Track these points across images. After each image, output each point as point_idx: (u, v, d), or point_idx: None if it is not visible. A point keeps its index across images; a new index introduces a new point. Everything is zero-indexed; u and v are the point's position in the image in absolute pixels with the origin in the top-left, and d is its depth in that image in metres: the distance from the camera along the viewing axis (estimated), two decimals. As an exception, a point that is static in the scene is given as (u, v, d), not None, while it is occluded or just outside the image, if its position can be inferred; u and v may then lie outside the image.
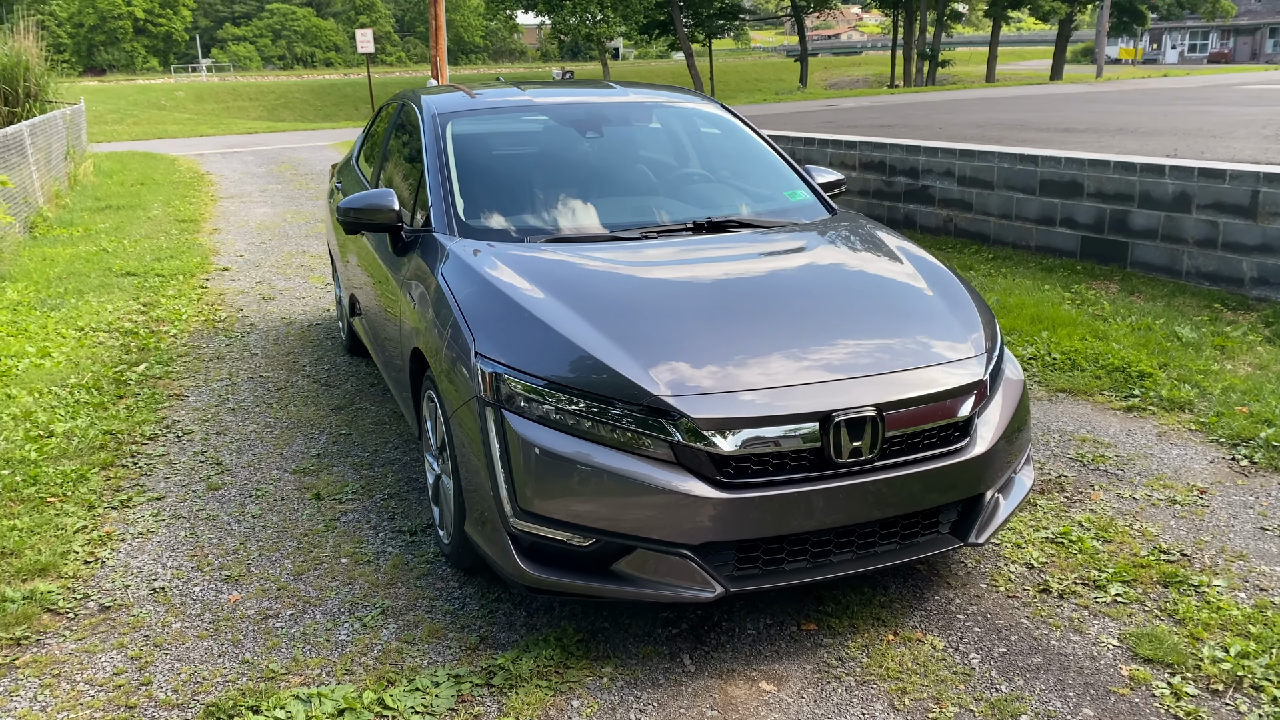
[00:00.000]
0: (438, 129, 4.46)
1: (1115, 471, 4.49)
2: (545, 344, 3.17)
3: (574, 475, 2.98)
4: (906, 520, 3.23)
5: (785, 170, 4.69)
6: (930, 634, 3.29)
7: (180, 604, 3.57)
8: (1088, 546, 3.79)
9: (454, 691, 3.02)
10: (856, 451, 3.03)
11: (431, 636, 3.32)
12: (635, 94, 5.03)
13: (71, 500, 4.38)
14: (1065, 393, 5.51)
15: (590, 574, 3.05)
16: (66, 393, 5.72)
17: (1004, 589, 3.55)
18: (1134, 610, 3.40)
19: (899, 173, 9.80)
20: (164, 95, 51.52)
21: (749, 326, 3.31)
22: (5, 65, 17.50)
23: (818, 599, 3.48)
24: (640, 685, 3.06)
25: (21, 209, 11.01)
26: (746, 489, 2.96)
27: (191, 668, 3.20)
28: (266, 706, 2.94)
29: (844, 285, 3.69)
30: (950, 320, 3.47)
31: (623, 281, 3.58)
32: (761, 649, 3.23)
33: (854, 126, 20.75)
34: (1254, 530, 3.93)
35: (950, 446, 3.20)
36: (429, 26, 22.29)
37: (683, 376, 3.03)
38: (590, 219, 4.14)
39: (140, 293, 8.26)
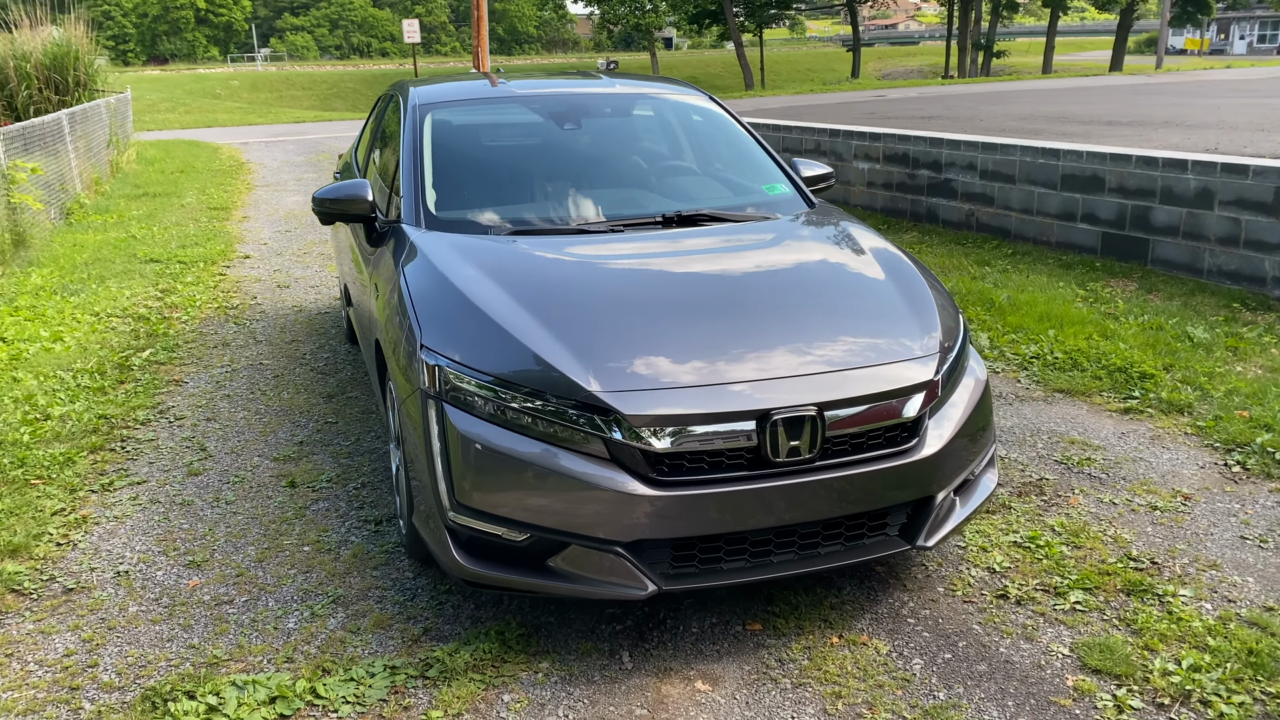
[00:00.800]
0: (417, 120, 4.47)
1: (1099, 475, 4.37)
2: (488, 338, 3.16)
3: (510, 470, 2.97)
4: (851, 521, 3.17)
5: (767, 163, 4.63)
6: (876, 638, 3.24)
7: (140, 588, 3.63)
8: (1055, 552, 3.70)
9: (388, 682, 3.03)
10: (795, 451, 2.98)
11: (377, 626, 3.34)
12: (622, 86, 4.99)
13: (55, 483, 4.47)
14: (1062, 393, 5.38)
15: (525, 569, 3.04)
16: (70, 377, 5.84)
17: (961, 593, 3.48)
18: (1091, 619, 3.31)
19: (922, 166, 9.65)
20: (219, 84, 52.46)
21: (698, 323, 3.27)
22: (56, 55, 17.91)
23: (768, 599, 3.43)
24: (574, 681, 3.05)
25: (58, 196, 11.28)
26: (680, 487, 2.93)
27: (139, 651, 3.24)
28: (202, 692, 2.98)
29: (802, 282, 3.63)
30: (906, 319, 3.39)
31: (579, 276, 3.56)
32: (703, 648, 3.20)
33: (895, 118, 20.49)
34: (1233, 539, 3.80)
35: (897, 447, 3.14)
36: (472, 16, 22.42)
37: (620, 373, 3.00)
38: (560, 212, 4.12)
39: (160, 279, 8.41)
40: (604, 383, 2.95)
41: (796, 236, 4.01)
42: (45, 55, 17.57)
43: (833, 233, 4.07)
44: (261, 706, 2.92)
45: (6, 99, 17.49)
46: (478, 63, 22.51)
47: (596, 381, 2.95)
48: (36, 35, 17.86)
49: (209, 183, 14.70)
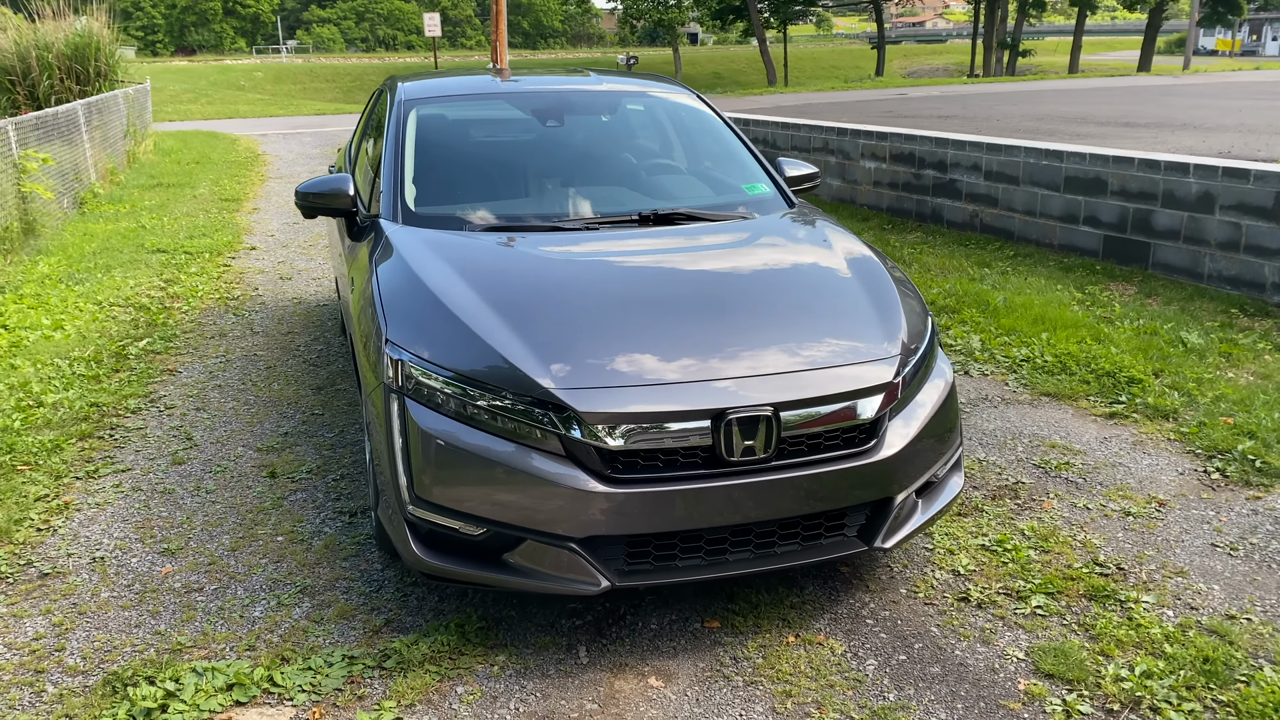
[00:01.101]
0: (402, 115, 4.51)
1: (1076, 480, 4.36)
2: (450, 334, 3.19)
3: (468, 465, 3.00)
4: (809, 521, 3.19)
5: (750, 163, 4.64)
6: (833, 637, 3.25)
7: (114, 574, 3.69)
8: (1022, 556, 3.70)
9: (345, 672, 3.07)
10: (750, 451, 3.00)
11: (340, 617, 3.38)
12: (609, 84, 5.01)
13: (42, 469, 4.55)
14: (1049, 396, 5.36)
15: (482, 563, 3.07)
16: (67, 365, 5.92)
17: (923, 595, 3.48)
18: (1050, 624, 3.31)
19: (928, 166, 9.61)
20: (243, 76, 52.84)
21: (661, 322, 3.29)
22: (77, 45, 18.11)
23: (729, 596, 3.45)
24: (529, 675, 3.08)
25: (72, 185, 11.41)
26: (634, 484, 2.95)
27: (106, 636, 3.30)
28: (161, 677, 3.03)
29: (768, 282, 3.64)
30: (869, 321, 3.40)
31: (547, 272, 3.59)
32: (660, 644, 3.23)
33: (911, 117, 20.40)
34: (1203, 546, 3.79)
35: (855, 448, 3.15)
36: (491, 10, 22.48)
37: (578, 370, 3.02)
38: (538, 208, 4.15)
39: (165, 270, 8.50)
40: (560, 380, 2.98)
41: (769, 237, 4.02)
42: (67, 46, 17.76)
43: (807, 234, 4.08)
44: (218, 693, 2.97)
45: (29, 88, 17.70)
46: (495, 57, 22.57)
47: (553, 378, 2.98)
48: (60, 25, 18.07)
49: (223, 174, 14.83)
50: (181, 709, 2.89)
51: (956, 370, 5.79)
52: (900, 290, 3.65)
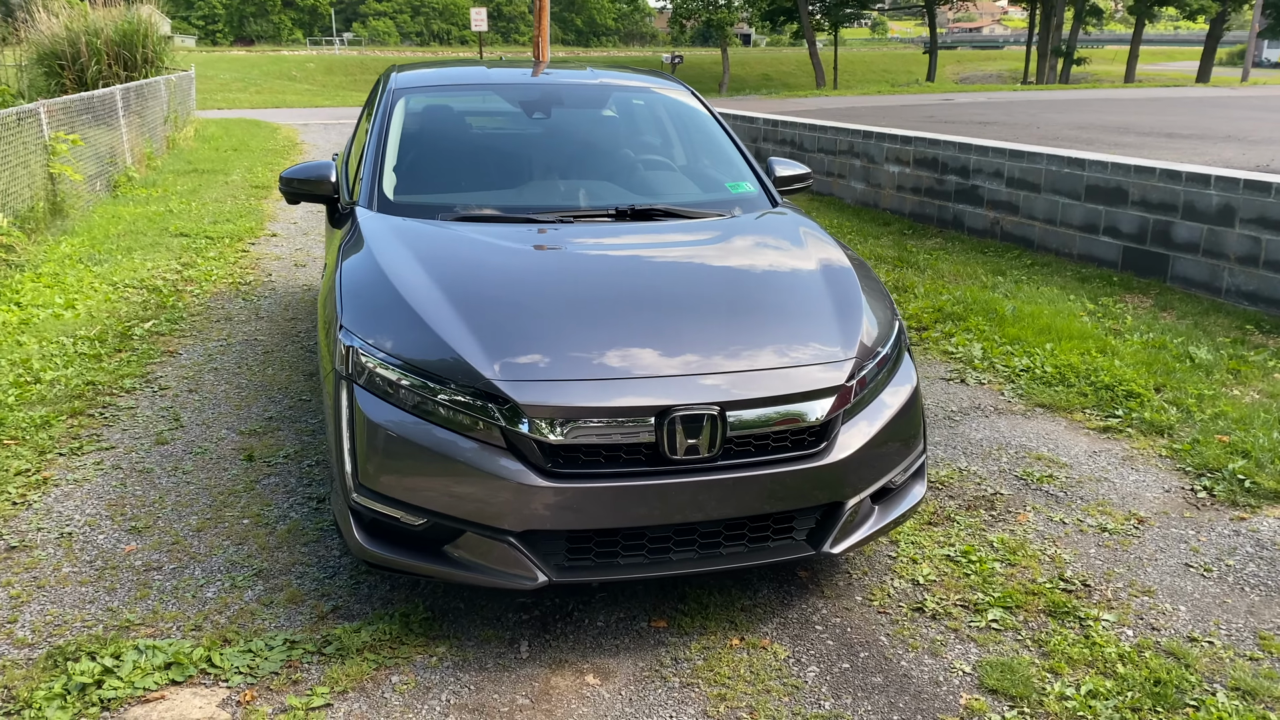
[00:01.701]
0: (389, 104, 4.53)
1: (1057, 493, 4.27)
2: (402, 322, 3.19)
3: (410, 455, 3.00)
4: (755, 523, 3.14)
5: (738, 161, 4.60)
6: (779, 642, 3.20)
7: (79, 550, 3.74)
8: (985, 568, 3.62)
9: (284, 656, 3.08)
10: (694, 450, 2.96)
11: (290, 601, 3.40)
12: (604, 78, 4.99)
13: (27, 444, 4.62)
14: (1043, 408, 5.26)
15: (423, 554, 3.06)
16: (71, 343, 6.02)
17: (877, 604, 3.42)
18: (1004, 638, 3.23)
19: (950, 171, 9.48)
20: (295, 66, 53.53)
21: (616, 316, 3.27)
22: (126, 32, 18.45)
23: (680, 596, 3.42)
24: (466, 667, 3.07)
25: (107, 168, 11.62)
26: (573, 479, 2.93)
27: (59, 610, 3.34)
28: (103, 653, 3.06)
29: (731, 281, 3.60)
30: (828, 322, 3.34)
31: (508, 264, 3.57)
32: (603, 642, 3.20)
33: (953, 122, 20.16)
34: (1176, 566, 3.68)
35: (804, 450, 3.10)
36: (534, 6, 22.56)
37: (523, 363, 3.01)
38: (512, 200, 4.14)
39: (184, 253, 8.62)
40: (504, 371, 2.96)
41: (742, 235, 3.97)
42: (116, 32, 18.11)
43: (781, 234, 4.03)
44: (155, 671, 2.99)
45: (78, 73, 18.07)
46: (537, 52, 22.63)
47: (497, 370, 2.96)
48: (110, 12, 18.42)
49: (258, 161, 15.02)
50: (117, 685, 2.92)
51: (952, 378, 5.70)
52: (866, 293, 3.59)
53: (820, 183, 11.67)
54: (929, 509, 4.09)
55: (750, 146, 13.24)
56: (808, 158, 11.89)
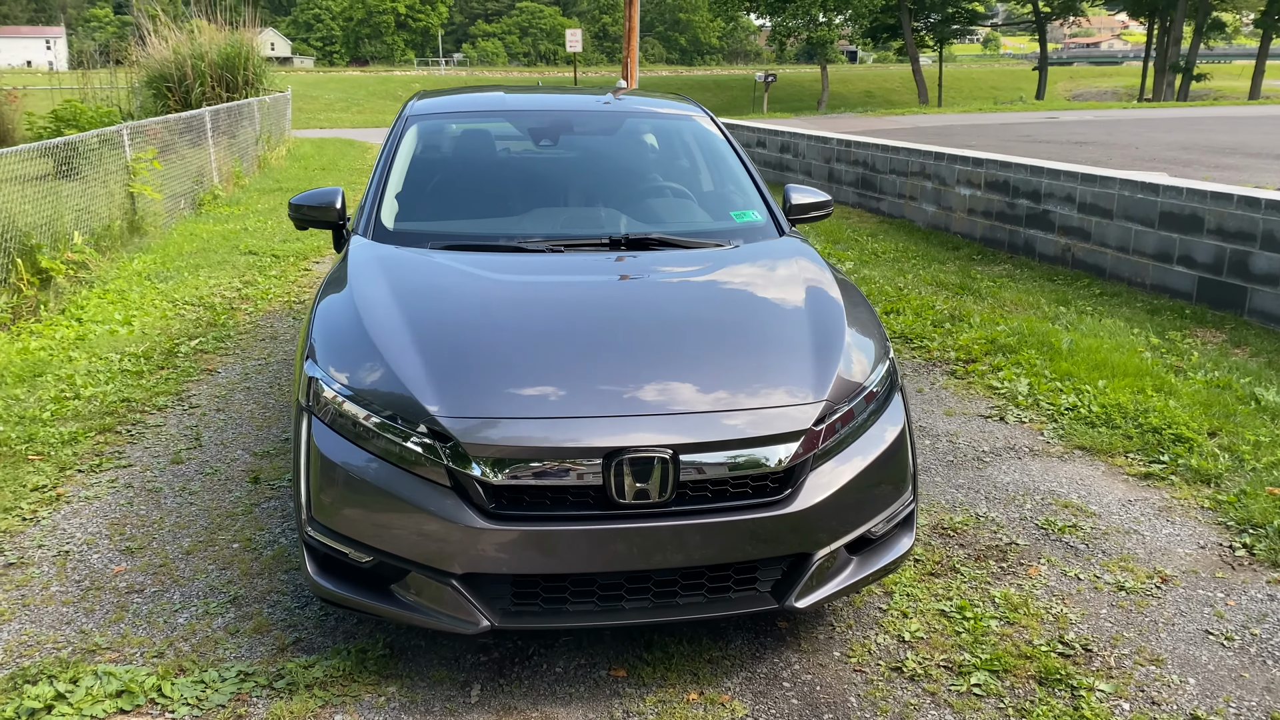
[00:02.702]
0: (399, 131, 4.53)
1: (1078, 545, 4.00)
2: (359, 355, 3.16)
3: (358, 491, 2.96)
4: (715, 572, 3.00)
5: (748, 188, 4.46)
6: (740, 698, 3.05)
7: (71, 569, 3.80)
8: (980, 626, 3.40)
9: (235, 689, 3.06)
10: (644, 494, 2.84)
11: (256, 631, 3.38)
12: (622, 104, 4.91)
13: (51, 460, 4.75)
14: (1083, 450, 4.95)
15: (371, 592, 3.01)
16: (117, 360, 6.20)
17: (855, 660, 3.24)
18: (984, 706, 3.02)
19: (1021, 195, 9.12)
20: (401, 86, 54.97)
21: (577, 352, 3.17)
22: (228, 55, 19.20)
23: (646, 644, 3.29)
24: (412, 709, 3.00)
25: (193, 187, 12.04)
26: (516, 521, 2.84)
27: (36, 630, 3.39)
28: (62, 677, 3.08)
29: (709, 316, 3.46)
30: (802, 362, 3.18)
31: (481, 296, 3.52)
32: (558, 689, 3.10)
33: (1047, 142, 19.49)
34: (1194, 633, 3.40)
35: (766, 498, 2.95)
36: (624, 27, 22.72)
37: (471, 399, 2.93)
38: (509, 228, 4.08)
39: (247, 271, 8.85)
40: (448, 408, 2.89)
41: (735, 267, 3.84)
42: (219, 55, 18.86)
43: (775, 266, 3.88)
44: (106, 699, 3.00)
45: (184, 94, 18.88)
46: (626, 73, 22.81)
47: (442, 406, 2.90)
48: (214, 36, 19.19)
49: (343, 180, 15.39)
50: (65, 711, 2.94)
51: (991, 415, 5.43)
52: (853, 329, 3.41)
53: (891, 205, 11.38)
54: (933, 558, 3.87)
55: (822, 167, 13.01)
56: (880, 179, 11.60)
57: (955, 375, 6.11)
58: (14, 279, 6.95)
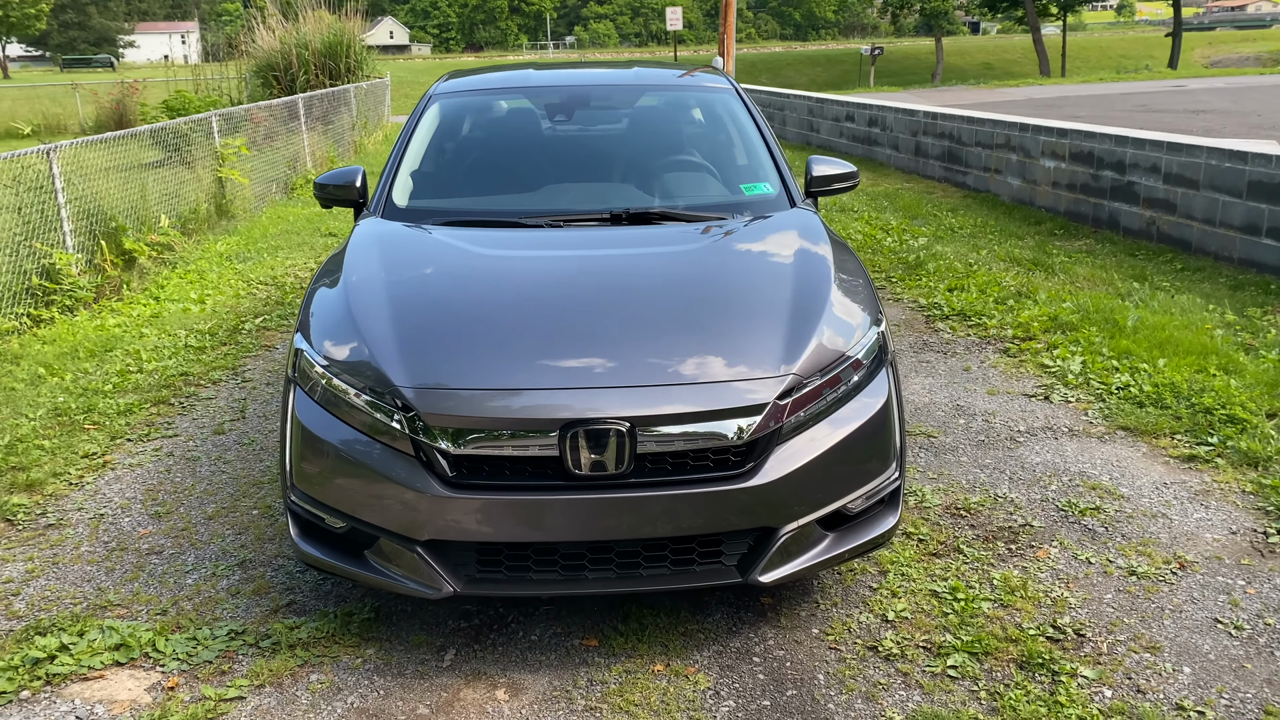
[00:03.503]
0: (420, 109, 4.62)
1: (1097, 528, 3.83)
2: (339, 327, 3.25)
3: (332, 459, 3.05)
4: (679, 545, 2.99)
5: (764, 160, 4.38)
6: (705, 671, 3.04)
7: (102, 531, 4.02)
8: (970, 608, 3.30)
9: (223, 647, 3.20)
10: (600, 466, 2.85)
11: (255, 593, 3.53)
12: (642, 78, 4.88)
13: (105, 429, 5.03)
14: (1126, 431, 4.73)
15: (347, 556, 3.10)
16: (185, 336, 6.51)
17: (833, 638, 3.19)
18: (955, 689, 2.93)
19: (1106, 166, 8.71)
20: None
21: (548, 325, 3.19)
22: (331, 43, 19.80)
23: (624, 615, 3.30)
24: (385, 671, 3.08)
25: (285, 172, 12.49)
26: (474, 490, 2.88)
27: (59, 586, 3.61)
28: (71, 630, 3.28)
29: (690, 290, 3.41)
30: (773, 334, 3.12)
31: (465, 269, 3.57)
32: (529, 656, 3.14)
33: (1162, 112, 18.55)
34: (1201, 621, 3.23)
35: (726, 471, 2.92)
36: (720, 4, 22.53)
37: (435, 370, 2.99)
38: (510, 205, 4.12)
39: (324, 252, 9.14)
40: (410, 379, 2.95)
41: (729, 239, 3.78)
42: (321, 44, 19.47)
43: (773, 238, 3.81)
44: (106, 651, 3.18)
45: (289, 81, 19.56)
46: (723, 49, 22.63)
47: (404, 377, 2.96)
48: (318, 25, 19.82)
49: (435, 163, 15.71)
50: (66, 662, 3.12)
51: (1036, 395, 5.23)
52: (840, 301, 3.33)
53: (977, 179, 11.02)
54: (938, 538, 3.77)
55: (909, 141, 12.68)
56: (965, 153, 11.25)
57: (1008, 353, 5.91)
58: (99, 260, 7.34)
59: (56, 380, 5.67)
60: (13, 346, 6.15)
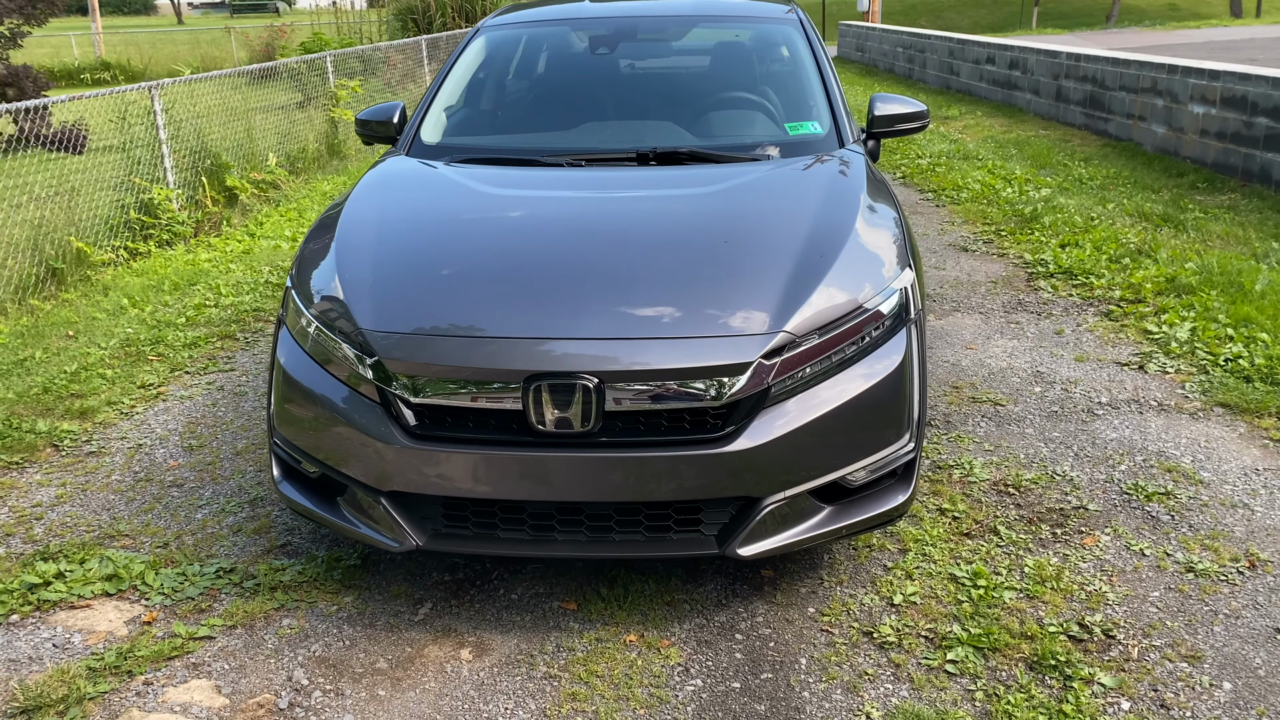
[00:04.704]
0: (465, 43, 4.46)
1: (1163, 516, 3.41)
2: (324, 270, 3.15)
3: (306, 402, 2.96)
4: (654, 510, 2.78)
5: (818, 99, 4.03)
6: (680, 646, 2.84)
7: (136, 461, 4.10)
8: (989, 596, 2.98)
9: (207, 584, 3.19)
10: (565, 423, 2.66)
11: (256, 532, 3.51)
12: (699, 6, 4.58)
13: (168, 361, 5.14)
14: (1225, 408, 4.22)
15: (322, 502, 3.02)
16: (268, 272, 6.61)
17: (828, 619, 2.93)
18: (952, 686, 2.64)
19: (1260, 112, 7.84)
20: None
21: (527, 271, 3.02)
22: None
23: (611, 579, 3.12)
24: (357, 620, 3.01)
25: (406, 113, 12.60)
26: (437, 442, 2.74)
27: (79, 513, 3.69)
28: (73, 557, 3.33)
29: (692, 237, 3.14)
30: (769, 289, 2.84)
31: (462, 210, 3.43)
32: (504, 616, 3.01)
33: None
34: (1260, 630, 2.82)
35: (701, 435, 2.68)
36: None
37: (402, 315, 2.85)
38: (536, 143, 3.93)
39: (425, 193, 9.17)
40: (377, 323, 2.82)
41: (757, 181, 3.49)
42: (459, -14, 19.59)
43: (806, 181, 3.50)
44: (97, 581, 3.21)
45: (426, 25, 19.81)
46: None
47: (371, 320, 2.84)
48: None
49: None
50: (59, 590, 3.17)
51: (1130, 364, 4.73)
52: (857, 253, 3.01)
53: (1119, 126, 10.15)
54: (975, 516, 3.44)
55: (1050, 85, 11.80)
56: (1108, 97, 10.36)
57: (1109, 316, 5.38)
58: (200, 196, 7.54)
59: (136, 312, 5.85)
60: (105, 278, 6.38)
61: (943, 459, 3.85)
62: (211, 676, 2.78)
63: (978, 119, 12.25)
